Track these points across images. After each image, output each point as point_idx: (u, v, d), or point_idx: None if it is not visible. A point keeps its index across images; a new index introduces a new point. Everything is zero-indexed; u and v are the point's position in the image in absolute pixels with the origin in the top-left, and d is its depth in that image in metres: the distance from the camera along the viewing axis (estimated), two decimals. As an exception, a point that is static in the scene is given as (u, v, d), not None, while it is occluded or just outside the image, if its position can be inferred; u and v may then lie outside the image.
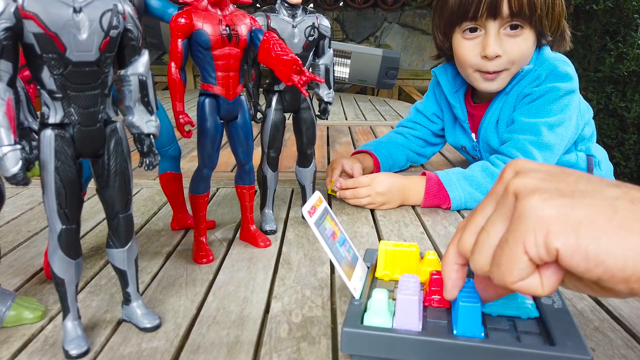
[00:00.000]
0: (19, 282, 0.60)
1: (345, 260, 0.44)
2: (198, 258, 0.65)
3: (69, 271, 0.43)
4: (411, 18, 4.16)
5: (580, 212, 0.29)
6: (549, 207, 0.29)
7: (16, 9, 0.36)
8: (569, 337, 0.36)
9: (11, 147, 0.37)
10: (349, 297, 0.55)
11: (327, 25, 0.71)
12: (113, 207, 0.45)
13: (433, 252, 0.49)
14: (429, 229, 0.77)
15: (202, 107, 0.60)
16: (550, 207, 0.29)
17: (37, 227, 0.77)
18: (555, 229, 0.29)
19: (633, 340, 0.47)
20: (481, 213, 0.35)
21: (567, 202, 0.29)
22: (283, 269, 0.63)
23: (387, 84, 3.27)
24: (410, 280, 0.42)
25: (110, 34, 0.40)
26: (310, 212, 0.43)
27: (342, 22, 4.16)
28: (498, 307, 0.41)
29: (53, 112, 0.40)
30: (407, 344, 0.37)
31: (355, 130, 1.72)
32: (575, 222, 0.28)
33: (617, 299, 0.55)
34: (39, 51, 0.38)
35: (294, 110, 0.73)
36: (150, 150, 0.45)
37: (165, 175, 0.73)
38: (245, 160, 0.66)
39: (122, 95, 0.44)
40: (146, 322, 0.49)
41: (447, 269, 0.37)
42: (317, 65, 0.72)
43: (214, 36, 0.56)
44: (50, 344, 0.47)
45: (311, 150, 0.76)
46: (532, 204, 0.30)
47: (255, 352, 0.46)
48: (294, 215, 0.83)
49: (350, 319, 0.39)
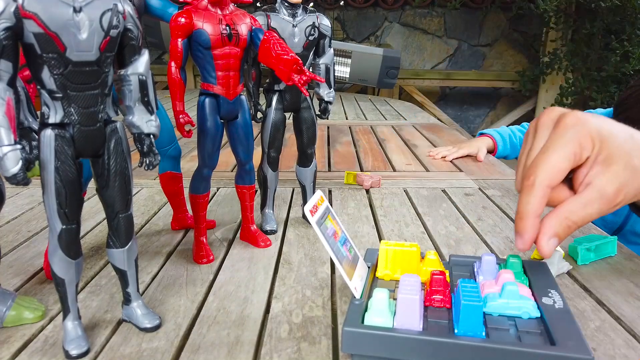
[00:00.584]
0: (19, 282, 0.60)
1: (347, 259, 0.44)
2: (198, 258, 0.65)
3: (69, 271, 0.43)
4: (412, 17, 4.16)
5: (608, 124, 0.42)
6: (587, 115, 0.42)
7: (16, 9, 0.36)
8: (570, 337, 0.36)
9: (11, 147, 0.37)
10: (349, 297, 0.55)
11: (328, 24, 0.71)
12: (113, 207, 0.45)
13: (434, 252, 0.49)
14: (429, 229, 0.77)
15: (202, 106, 0.60)
16: (586, 115, 0.42)
17: (37, 227, 0.77)
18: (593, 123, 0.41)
19: (634, 340, 0.47)
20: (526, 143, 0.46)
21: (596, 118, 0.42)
22: (283, 269, 0.63)
23: (388, 84, 3.27)
24: (411, 280, 0.42)
25: (111, 33, 0.40)
26: (312, 211, 0.43)
27: (343, 21, 4.16)
28: (499, 307, 0.41)
29: (53, 112, 0.40)
30: (408, 344, 0.37)
31: (355, 130, 1.72)
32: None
33: (618, 301, 0.55)
34: (39, 51, 0.38)
35: (294, 109, 0.73)
36: (150, 150, 0.45)
37: (165, 175, 0.73)
38: (245, 160, 0.66)
39: (122, 94, 0.44)
40: (146, 322, 0.49)
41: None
42: (317, 64, 0.72)
43: (214, 36, 0.56)
44: (50, 344, 0.47)
45: (311, 149, 0.76)
46: (573, 113, 0.42)
47: (255, 352, 0.46)
48: (294, 215, 0.83)
49: (351, 319, 0.39)
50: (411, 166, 1.20)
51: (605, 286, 0.58)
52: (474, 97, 4.30)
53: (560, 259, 0.61)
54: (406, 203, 0.90)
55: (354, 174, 1.02)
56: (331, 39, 0.72)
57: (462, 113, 4.35)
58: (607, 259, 0.65)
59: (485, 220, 0.81)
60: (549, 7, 3.04)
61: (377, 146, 1.45)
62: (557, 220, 0.41)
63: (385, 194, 0.96)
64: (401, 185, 1.02)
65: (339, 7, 4.10)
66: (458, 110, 4.35)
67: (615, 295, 0.56)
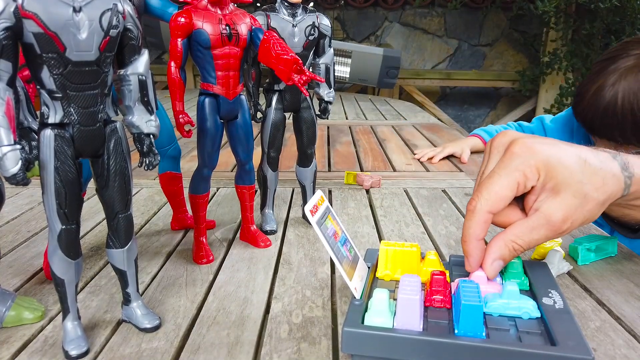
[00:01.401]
0: (19, 282, 0.60)
1: (347, 259, 0.44)
2: (198, 258, 0.65)
3: (68, 271, 0.43)
4: (412, 17, 4.16)
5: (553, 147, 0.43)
6: (536, 143, 0.43)
7: (16, 9, 0.36)
8: (571, 337, 0.36)
9: (11, 147, 0.36)
10: (349, 297, 0.55)
11: (328, 24, 0.71)
12: (113, 207, 0.45)
13: (434, 252, 0.49)
14: (429, 229, 0.77)
15: (202, 106, 0.60)
16: (536, 142, 0.43)
17: (37, 227, 0.77)
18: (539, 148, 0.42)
19: (634, 341, 0.47)
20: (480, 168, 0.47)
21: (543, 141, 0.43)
22: (283, 269, 0.63)
23: (388, 84, 3.27)
24: (411, 280, 0.41)
25: (110, 33, 0.40)
26: (312, 211, 0.43)
27: (343, 21, 4.16)
28: (499, 308, 0.41)
29: (53, 112, 0.40)
30: (408, 344, 0.37)
31: (355, 130, 1.72)
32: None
33: (618, 301, 0.55)
34: (38, 51, 0.38)
35: (294, 109, 0.73)
36: (150, 150, 0.45)
37: (165, 175, 0.73)
38: (245, 160, 0.66)
39: (121, 94, 0.44)
40: (146, 323, 0.49)
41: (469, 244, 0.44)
42: (317, 64, 0.72)
43: (214, 35, 0.56)
44: (50, 345, 0.47)
45: (311, 149, 0.76)
46: (523, 140, 0.43)
47: (255, 353, 0.46)
48: (294, 215, 0.83)
49: (351, 319, 0.39)
50: (411, 166, 1.20)
51: (605, 286, 0.58)
52: (474, 97, 4.30)
53: (560, 259, 0.61)
54: (406, 203, 0.90)
55: (354, 174, 1.02)
56: (331, 39, 0.72)
57: (462, 113, 4.36)
58: (607, 259, 0.65)
59: (485, 220, 0.81)
60: (548, 8, 3.04)
61: (377, 146, 1.45)
62: (502, 243, 0.43)
63: (385, 194, 0.96)
64: (401, 185, 1.02)
65: (339, 6, 4.10)
66: (458, 110, 4.35)
67: (616, 295, 0.56)
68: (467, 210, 0.44)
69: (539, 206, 0.43)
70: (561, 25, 3.49)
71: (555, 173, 0.42)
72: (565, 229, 0.42)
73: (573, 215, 0.42)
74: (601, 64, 0.84)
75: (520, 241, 0.43)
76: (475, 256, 0.43)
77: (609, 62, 0.83)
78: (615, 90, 0.79)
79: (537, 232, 0.42)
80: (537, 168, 0.42)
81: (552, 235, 0.43)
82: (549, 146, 0.43)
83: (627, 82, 0.78)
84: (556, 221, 0.42)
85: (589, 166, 0.42)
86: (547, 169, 0.42)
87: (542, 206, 0.42)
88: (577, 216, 0.42)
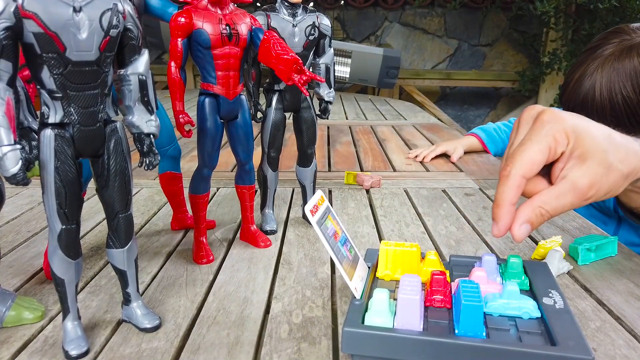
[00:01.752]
0: (19, 282, 0.60)
1: (347, 259, 0.44)
2: (198, 258, 0.64)
3: (68, 271, 0.43)
4: (412, 17, 4.16)
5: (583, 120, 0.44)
6: (565, 113, 0.44)
7: (16, 9, 0.36)
8: (571, 337, 0.36)
9: (11, 147, 0.36)
10: (349, 297, 0.55)
11: (328, 24, 0.71)
12: (113, 207, 0.45)
13: (434, 252, 0.49)
14: (430, 229, 0.77)
15: (202, 106, 0.60)
16: (564, 112, 0.44)
17: (37, 227, 0.77)
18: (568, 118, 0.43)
19: (634, 341, 0.47)
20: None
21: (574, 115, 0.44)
22: (283, 269, 0.63)
23: (388, 84, 3.27)
24: (411, 280, 0.41)
25: (110, 33, 0.40)
26: (313, 211, 0.43)
27: (343, 21, 4.16)
28: (499, 308, 0.41)
29: (53, 112, 0.40)
30: (408, 344, 0.37)
31: (355, 130, 1.72)
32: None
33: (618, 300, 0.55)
34: (38, 51, 0.38)
35: (294, 109, 0.73)
36: (150, 149, 0.45)
37: (165, 175, 0.73)
38: (245, 160, 0.66)
39: (122, 94, 0.44)
40: (146, 323, 0.49)
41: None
42: (317, 64, 0.72)
43: (214, 35, 0.56)
44: (50, 344, 0.47)
45: (312, 149, 0.76)
46: (552, 110, 0.44)
47: (255, 353, 0.46)
48: (294, 215, 0.83)
49: (351, 319, 0.39)
50: (411, 166, 1.20)
51: (605, 286, 0.58)
52: (474, 97, 4.30)
53: (560, 259, 0.61)
54: (406, 203, 0.90)
55: (354, 174, 1.02)
56: (331, 39, 0.72)
57: (462, 113, 4.36)
58: (607, 259, 0.65)
59: (485, 220, 0.81)
60: (548, 9, 3.05)
61: (377, 146, 1.44)
62: (530, 209, 0.44)
63: (386, 194, 0.96)
64: (401, 185, 1.02)
65: (339, 6, 4.10)
66: (458, 110, 4.35)
67: (616, 295, 0.56)
68: (500, 177, 0.45)
69: (565, 174, 0.44)
70: (561, 26, 3.49)
71: (582, 141, 0.43)
72: (590, 195, 0.44)
73: (598, 183, 0.43)
74: (585, 54, 0.87)
75: (548, 206, 0.44)
76: (505, 220, 0.44)
77: (591, 51, 0.85)
78: (593, 79, 0.82)
79: (564, 198, 0.44)
80: (567, 133, 0.44)
81: (577, 201, 0.44)
82: (577, 117, 0.45)
83: (605, 70, 0.80)
84: (582, 187, 0.43)
85: (613, 139, 0.44)
86: (575, 135, 0.43)
87: (569, 174, 0.44)
88: (601, 184, 0.44)
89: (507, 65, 4.20)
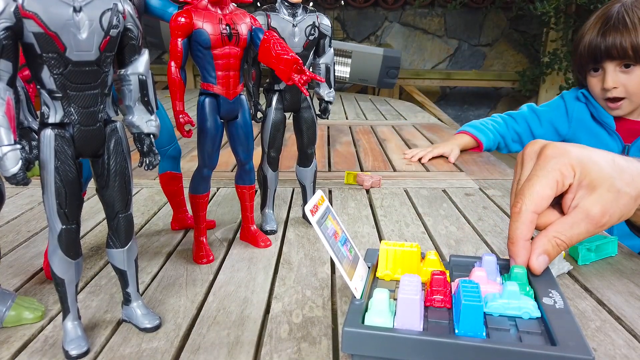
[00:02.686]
0: (19, 282, 0.60)
1: (347, 259, 0.44)
2: (198, 258, 0.65)
3: (69, 271, 0.43)
4: (412, 17, 4.16)
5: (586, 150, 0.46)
6: (567, 145, 0.45)
7: (16, 9, 0.36)
8: (571, 337, 0.36)
9: (11, 147, 0.36)
10: (349, 297, 0.55)
11: (328, 24, 0.71)
12: (113, 207, 0.45)
13: (434, 252, 0.49)
14: (430, 229, 0.77)
15: (202, 106, 0.60)
16: (566, 145, 0.46)
17: (37, 227, 0.77)
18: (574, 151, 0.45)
19: (635, 341, 0.47)
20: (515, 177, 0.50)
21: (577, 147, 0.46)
22: (283, 269, 0.63)
23: (388, 84, 3.27)
24: (411, 280, 0.41)
25: (110, 33, 0.40)
26: (313, 211, 0.43)
27: (343, 21, 4.16)
28: (499, 308, 0.41)
29: (53, 112, 0.40)
30: (408, 344, 0.37)
31: (356, 130, 1.72)
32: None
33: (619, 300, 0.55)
34: (38, 51, 0.38)
35: (294, 109, 0.73)
36: (150, 149, 0.45)
37: (165, 175, 0.73)
38: (245, 160, 0.66)
39: (122, 94, 0.44)
40: (146, 323, 0.49)
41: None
42: (317, 64, 0.72)
43: (214, 35, 0.56)
44: (50, 344, 0.47)
45: (312, 149, 0.76)
46: (554, 144, 0.46)
47: (255, 353, 0.46)
48: (294, 215, 0.83)
49: (351, 319, 0.39)
50: (411, 166, 1.20)
51: (605, 286, 0.58)
52: (475, 97, 4.30)
53: (560, 259, 0.61)
54: (406, 203, 0.90)
55: (354, 174, 1.03)
56: (331, 39, 0.72)
57: (462, 113, 4.35)
58: (607, 259, 0.65)
59: (485, 220, 0.81)
60: (548, 9, 3.04)
61: (377, 146, 1.44)
62: (546, 239, 0.45)
63: (386, 194, 0.96)
64: (401, 185, 1.02)
65: (339, 6, 4.10)
66: (458, 110, 4.35)
67: (616, 295, 0.56)
68: (512, 213, 0.46)
69: (577, 203, 0.45)
70: (561, 26, 3.49)
71: (588, 170, 0.44)
72: (605, 222, 0.45)
73: (610, 209, 0.44)
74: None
75: (563, 236, 0.45)
76: (522, 256, 0.45)
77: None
78: (619, 4, 0.99)
79: (578, 226, 0.45)
80: (572, 166, 0.45)
81: (592, 229, 0.45)
82: (579, 148, 0.46)
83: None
84: (595, 215, 0.44)
85: (617, 164, 0.46)
86: (581, 166, 0.45)
87: (580, 202, 0.45)
88: (613, 210, 0.44)
89: (507, 65, 4.20)
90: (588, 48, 1.06)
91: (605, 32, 1.02)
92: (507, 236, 0.46)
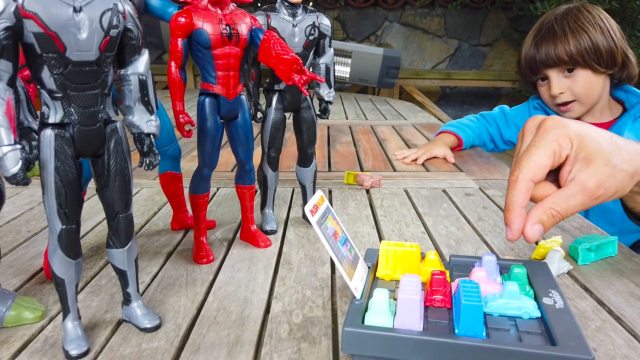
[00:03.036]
0: (19, 282, 0.60)
1: (347, 259, 0.44)
2: (198, 258, 0.65)
3: (69, 271, 0.43)
4: (412, 17, 4.15)
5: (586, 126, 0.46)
6: (566, 120, 0.46)
7: (16, 9, 0.36)
8: (571, 337, 0.36)
9: (11, 147, 0.37)
10: (349, 297, 0.55)
11: (328, 24, 0.71)
12: (113, 207, 0.45)
13: (434, 252, 0.49)
14: (430, 229, 0.77)
15: (202, 106, 0.60)
16: (565, 119, 0.46)
17: (37, 227, 0.77)
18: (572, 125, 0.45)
19: (635, 341, 0.47)
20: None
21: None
22: (283, 269, 0.63)
23: (388, 84, 3.27)
24: (411, 280, 0.41)
25: (111, 33, 0.40)
26: (312, 211, 0.43)
27: (343, 21, 4.16)
28: (499, 308, 0.41)
29: (53, 112, 0.40)
30: (408, 344, 0.37)
31: (356, 130, 1.72)
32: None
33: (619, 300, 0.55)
34: (39, 51, 0.38)
35: (294, 109, 0.73)
36: (150, 149, 0.45)
37: (165, 175, 0.73)
38: (245, 160, 0.66)
39: (122, 94, 0.44)
40: (146, 323, 0.49)
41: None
42: (317, 64, 0.72)
43: (214, 35, 0.56)
44: (50, 344, 0.47)
45: (312, 149, 0.76)
46: (554, 117, 0.46)
47: (255, 353, 0.46)
48: (294, 215, 0.83)
49: (351, 319, 0.39)
50: (411, 166, 1.20)
51: (605, 286, 0.58)
52: (475, 96, 4.30)
53: (560, 259, 0.61)
54: (406, 203, 0.90)
55: (354, 174, 1.03)
56: (331, 39, 0.72)
57: (462, 113, 4.35)
58: (607, 259, 0.65)
59: (485, 220, 0.81)
60: (548, 9, 3.04)
61: (377, 146, 1.44)
62: (541, 209, 0.46)
63: (386, 194, 0.96)
64: (401, 185, 1.02)
65: (339, 6, 4.10)
66: (458, 110, 4.35)
67: (616, 295, 0.56)
68: (509, 182, 0.46)
69: (573, 176, 0.46)
70: (561, 26, 3.48)
71: (586, 144, 0.45)
72: (599, 195, 0.45)
73: (605, 183, 0.45)
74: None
75: (558, 207, 0.45)
76: (518, 223, 0.45)
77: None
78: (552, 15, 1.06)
79: (574, 198, 0.45)
80: (570, 137, 0.45)
81: (587, 201, 0.45)
82: (578, 123, 0.47)
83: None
84: (591, 187, 0.45)
85: (615, 142, 0.46)
86: (579, 138, 0.45)
87: (577, 175, 0.45)
88: (609, 184, 0.45)
89: (507, 65, 4.20)
90: (525, 60, 1.11)
91: (537, 43, 1.08)
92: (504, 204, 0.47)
